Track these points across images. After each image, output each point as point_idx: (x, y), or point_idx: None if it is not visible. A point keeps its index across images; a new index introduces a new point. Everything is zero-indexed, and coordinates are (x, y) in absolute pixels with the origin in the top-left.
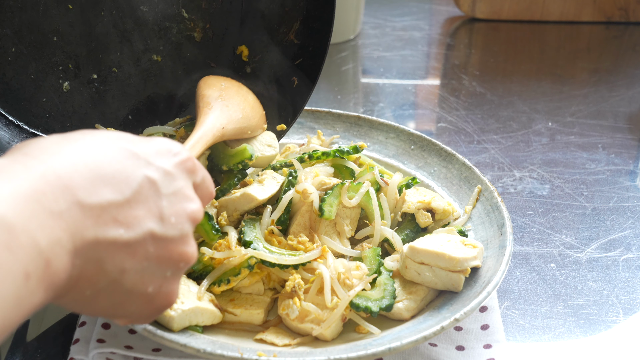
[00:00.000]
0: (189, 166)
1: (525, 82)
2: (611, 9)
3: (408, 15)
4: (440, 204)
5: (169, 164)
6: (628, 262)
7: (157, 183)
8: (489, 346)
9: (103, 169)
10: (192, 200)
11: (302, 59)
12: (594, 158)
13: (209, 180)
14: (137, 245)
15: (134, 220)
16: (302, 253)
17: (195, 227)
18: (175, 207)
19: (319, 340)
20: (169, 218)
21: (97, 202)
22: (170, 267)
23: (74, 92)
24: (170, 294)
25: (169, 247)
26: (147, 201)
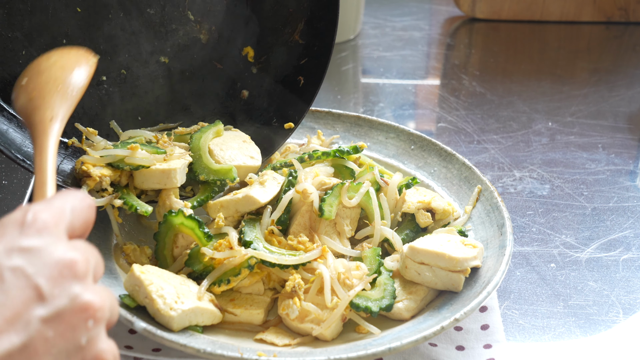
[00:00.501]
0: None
1: (525, 82)
2: (611, 9)
3: (408, 15)
4: (440, 204)
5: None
6: (628, 262)
7: (22, 268)
8: (489, 346)
9: None
10: (67, 254)
11: (307, 59)
12: (594, 158)
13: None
14: (33, 342)
15: (15, 317)
16: (302, 253)
17: (186, 232)
18: (51, 273)
19: (319, 340)
20: (50, 290)
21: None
22: (79, 334)
23: (84, 94)
24: (99, 357)
25: (65, 318)
26: (20, 289)
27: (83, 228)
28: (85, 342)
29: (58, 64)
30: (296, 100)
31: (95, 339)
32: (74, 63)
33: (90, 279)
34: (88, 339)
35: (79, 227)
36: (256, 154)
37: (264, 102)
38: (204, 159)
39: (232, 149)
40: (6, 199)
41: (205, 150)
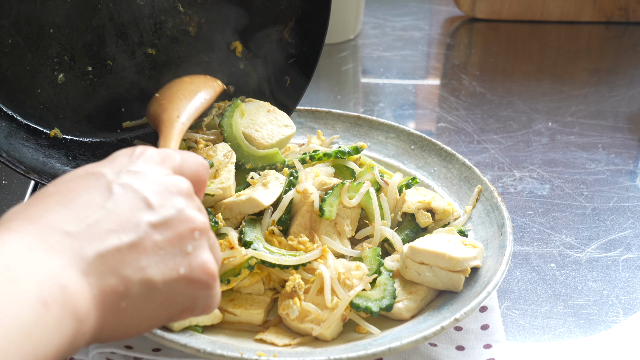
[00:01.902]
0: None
1: (525, 82)
2: (611, 9)
3: (408, 15)
4: (440, 204)
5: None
6: (628, 262)
7: (131, 184)
8: (489, 346)
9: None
10: (173, 177)
11: (296, 58)
12: (594, 158)
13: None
14: (142, 241)
15: (125, 221)
16: (302, 253)
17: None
18: (158, 189)
19: (319, 340)
20: (157, 201)
21: (82, 224)
22: (186, 242)
23: (69, 84)
24: (204, 265)
25: (173, 226)
26: (129, 200)
27: (193, 178)
28: (191, 250)
29: (188, 80)
30: (282, 100)
31: (200, 249)
32: (202, 82)
33: (195, 201)
34: (194, 247)
35: (188, 175)
36: (286, 119)
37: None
38: (244, 147)
39: (264, 125)
40: (6, 199)
41: (241, 137)
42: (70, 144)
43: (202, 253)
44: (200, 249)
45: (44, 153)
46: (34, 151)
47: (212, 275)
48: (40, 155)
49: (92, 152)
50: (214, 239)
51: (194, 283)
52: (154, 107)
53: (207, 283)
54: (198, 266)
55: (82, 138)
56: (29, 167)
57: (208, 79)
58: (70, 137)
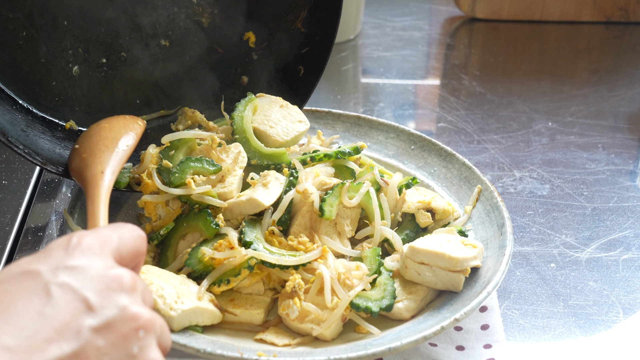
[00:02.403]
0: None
1: (525, 82)
2: (611, 9)
3: (408, 15)
4: (440, 204)
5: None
6: (628, 262)
7: (69, 283)
8: (489, 346)
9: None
10: (114, 270)
11: (309, 48)
12: (594, 158)
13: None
14: (84, 349)
15: (65, 328)
16: (302, 253)
17: (190, 226)
18: (98, 286)
19: (319, 340)
20: (98, 301)
21: (20, 336)
22: (130, 343)
23: (83, 76)
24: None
25: (116, 327)
26: (68, 302)
27: (132, 256)
28: (137, 351)
29: (107, 127)
30: (295, 90)
31: (147, 348)
32: (122, 125)
33: (138, 294)
34: (139, 348)
35: (127, 255)
36: (300, 114)
37: (263, 89)
38: (252, 143)
39: (278, 121)
40: (6, 199)
41: (250, 132)
42: None
43: (148, 353)
44: (146, 349)
45: (60, 145)
46: (50, 143)
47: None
48: (57, 147)
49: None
50: (161, 327)
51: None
52: (76, 162)
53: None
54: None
55: None
56: (46, 159)
57: (127, 121)
58: (86, 129)
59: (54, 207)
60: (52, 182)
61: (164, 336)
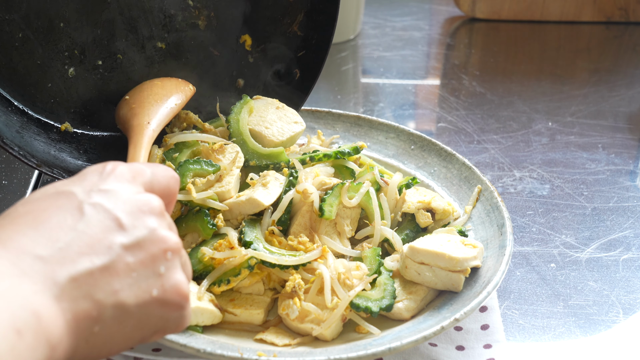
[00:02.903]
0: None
1: (525, 82)
2: (611, 9)
3: (408, 15)
4: (440, 204)
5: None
6: (628, 262)
7: (102, 203)
8: (489, 346)
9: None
10: (145, 195)
11: (305, 52)
12: (594, 158)
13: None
14: (114, 264)
15: (97, 243)
16: (302, 253)
17: (189, 226)
18: (130, 208)
19: (319, 340)
20: (129, 222)
21: (54, 247)
22: (158, 263)
23: (79, 78)
24: (177, 286)
25: (145, 247)
26: (100, 220)
27: (163, 192)
28: (164, 271)
29: (159, 84)
30: (291, 93)
31: (173, 269)
32: (173, 85)
33: (166, 219)
34: (166, 268)
35: (159, 190)
36: (296, 116)
37: (259, 92)
38: (249, 144)
39: (274, 122)
40: (6, 199)
41: (247, 134)
42: (81, 137)
43: (174, 274)
44: (172, 270)
45: (55, 147)
46: (45, 145)
47: (184, 296)
48: (52, 149)
49: (103, 145)
50: (185, 257)
51: (166, 305)
52: (124, 111)
53: (179, 304)
54: (171, 288)
55: (92, 132)
56: (41, 161)
57: (179, 83)
58: (81, 131)
59: None
60: (52, 182)
61: (187, 266)
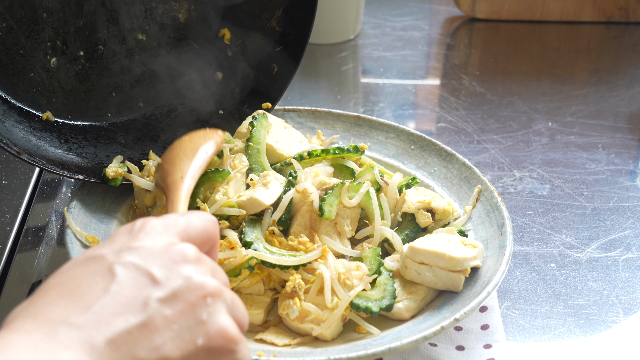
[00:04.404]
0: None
1: (525, 82)
2: (611, 9)
3: (408, 15)
4: (440, 204)
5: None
6: (628, 262)
7: (133, 261)
8: (489, 346)
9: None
10: (177, 245)
11: (283, 47)
12: (594, 158)
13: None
14: (152, 319)
15: (131, 301)
16: (302, 254)
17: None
18: (162, 261)
19: (319, 340)
20: (163, 274)
21: (87, 312)
22: (199, 311)
23: (61, 68)
24: (222, 331)
25: (182, 297)
26: (133, 278)
27: (202, 238)
28: (206, 317)
29: (187, 139)
30: (269, 87)
31: (216, 314)
32: (201, 136)
33: (204, 267)
34: (208, 314)
35: (196, 236)
36: (300, 136)
37: (237, 85)
38: (262, 157)
39: (284, 139)
40: (6, 199)
41: (264, 146)
42: (62, 127)
43: (218, 318)
44: (216, 315)
45: (36, 135)
46: (26, 133)
47: (233, 340)
48: (33, 138)
49: (83, 135)
50: (231, 298)
51: (215, 352)
52: (159, 174)
53: (229, 349)
54: (216, 333)
55: (73, 121)
56: (22, 149)
57: (207, 133)
58: (62, 121)
59: (54, 207)
60: (52, 182)
61: (236, 308)
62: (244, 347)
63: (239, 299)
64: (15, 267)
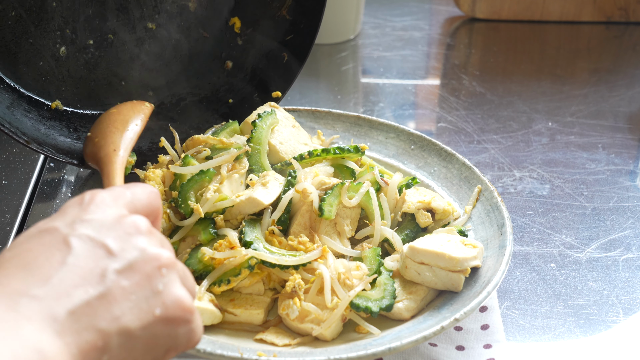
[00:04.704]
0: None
1: (525, 82)
2: (611, 9)
3: (408, 15)
4: (440, 204)
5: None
6: (628, 262)
7: (87, 233)
8: (489, 346)
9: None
10: (129, 217)
11: (293, 36)
12: (594, 158)
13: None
14: (110, 290)
15: (89, 273)
16: (302, 253)
17: (192, 229)
18: (116, 233)
19: (319, 340)
20: (118, 246)
21: (47, 284)
22: (155, 281)
23: (70, 57)
24: (178, 301)
25: (138, 268)
26: (89, 250)
27: (147, 210)
28: (162, 287)
29: (115, 111)
30: (279, 76)
31: (171, 284)
32: (130, 108)
33: (156, 235)
34: (164, 284)
35: (142, 208)
36: (307, 138)
37: (247, 74)
38: (262, 157)
39: (288, 140)
40: (6, 199)
41: (265, 146)
42: (72, 116)
43: (173, 289)
44: (171, 285)
45: (45, 124)
46: (35, 122)
47: (188, 309)
48: (42, 127)
49: (93, 124)
50: (183, 270)
51: (172, 322)
52: (90, 147)
53: (185, 318)
54: (172, 303)
55: (82, 110)
56: (31, 138)
57: (135, 105)
58: (71, 109)
59: (54, 207)
60: (52, 182)
61: (187, 279)
62: (197, 317)
63: (189, 270)
64: None
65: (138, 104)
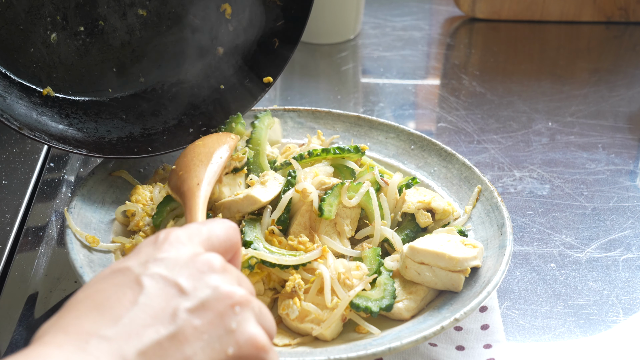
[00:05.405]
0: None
1: (525, 82)
2: (611, 9)
3: (408, 15)
4: (440, 204)
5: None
6: (628, 262)
7: (159, 273)
8: (489, 346)
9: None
10: (203, 255)
11: (284, 21)
12: (594, 158)
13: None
14: (182, 330)
15: (160, 312)
16: (302, 253)
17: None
18: (189, 271)
19: (319, 340)
20: (190, 285)
21: (117, 325)
22: (228, 320)
23: (61, 44)
24: (252, 339)
25: (211, 306)
26: (160, 289)
27: (224, 246)
28: (236, 326)
29: (200, 144)
30: (270, 62)
31: (245, 323)
32: (215, 140)
33: (231, 276)
34: (237, 323)
35: (219, 245)
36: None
37: (239, 60)
38: (261, 158)
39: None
40: (6, 199)
41: (264, 147)
42: (63, 102)
43: (248, 327)
44: (245, 323)
45: (37, 111)
46: (27, 109)
47: (263, 348)
48: (34, 113)
49: (84, 110)
50: (259, 307)
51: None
52: (174, 181)
53: (259, 357)
54: (246, 342)
55: (74, 97)
56: (23, 124)
57: (220, 137)
58: (63, 96)
59: (54, 207)
60: (52, 182)
61: (264, 316)
62: (273, 355)
63: (266, 308)
64: (15, 267)
65: (223, 136)
